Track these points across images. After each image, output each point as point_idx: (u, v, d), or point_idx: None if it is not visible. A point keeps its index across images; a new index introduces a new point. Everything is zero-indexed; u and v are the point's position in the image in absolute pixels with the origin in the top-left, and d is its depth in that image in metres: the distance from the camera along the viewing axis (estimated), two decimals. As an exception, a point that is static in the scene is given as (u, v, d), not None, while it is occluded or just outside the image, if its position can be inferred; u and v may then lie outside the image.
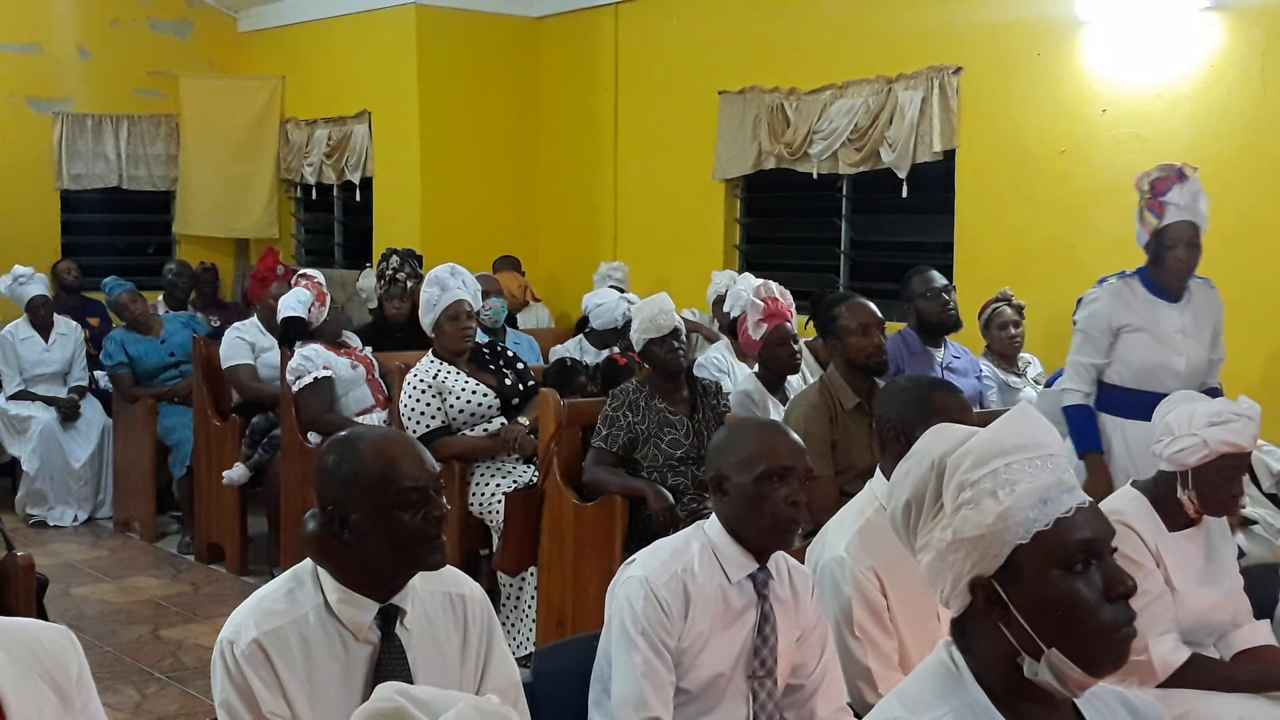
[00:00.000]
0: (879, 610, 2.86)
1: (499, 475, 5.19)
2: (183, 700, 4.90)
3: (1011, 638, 1.63)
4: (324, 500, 2.29)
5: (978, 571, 1.64)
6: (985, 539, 1.63)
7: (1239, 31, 5.58)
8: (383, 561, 2.27)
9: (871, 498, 3.01)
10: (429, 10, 8.60)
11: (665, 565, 2.64)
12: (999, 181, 6.45)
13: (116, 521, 7.60)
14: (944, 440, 1.71)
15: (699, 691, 2.64)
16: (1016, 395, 5.74)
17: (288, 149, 10.01)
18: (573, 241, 8.82)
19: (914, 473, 1.71)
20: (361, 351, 6.23)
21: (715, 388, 4.96)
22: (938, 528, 1.66)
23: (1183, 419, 3.20)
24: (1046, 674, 1.62)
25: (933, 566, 1.68)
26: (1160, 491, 3.27)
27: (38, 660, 1.92)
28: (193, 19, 10.26)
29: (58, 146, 9.73)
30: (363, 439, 2.32)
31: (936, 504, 1.68)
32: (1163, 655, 3.10)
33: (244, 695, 2.21)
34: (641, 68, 8.27)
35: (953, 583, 1.67)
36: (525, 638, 4.98)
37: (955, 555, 1.65)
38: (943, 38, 6.60)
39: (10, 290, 7.81)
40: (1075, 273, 5.77)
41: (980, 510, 1.63)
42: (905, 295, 5.51)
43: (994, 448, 1.66)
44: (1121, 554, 3.07)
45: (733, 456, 2.68)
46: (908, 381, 3.23)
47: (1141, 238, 4.61)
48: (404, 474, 2.26)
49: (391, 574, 2.30)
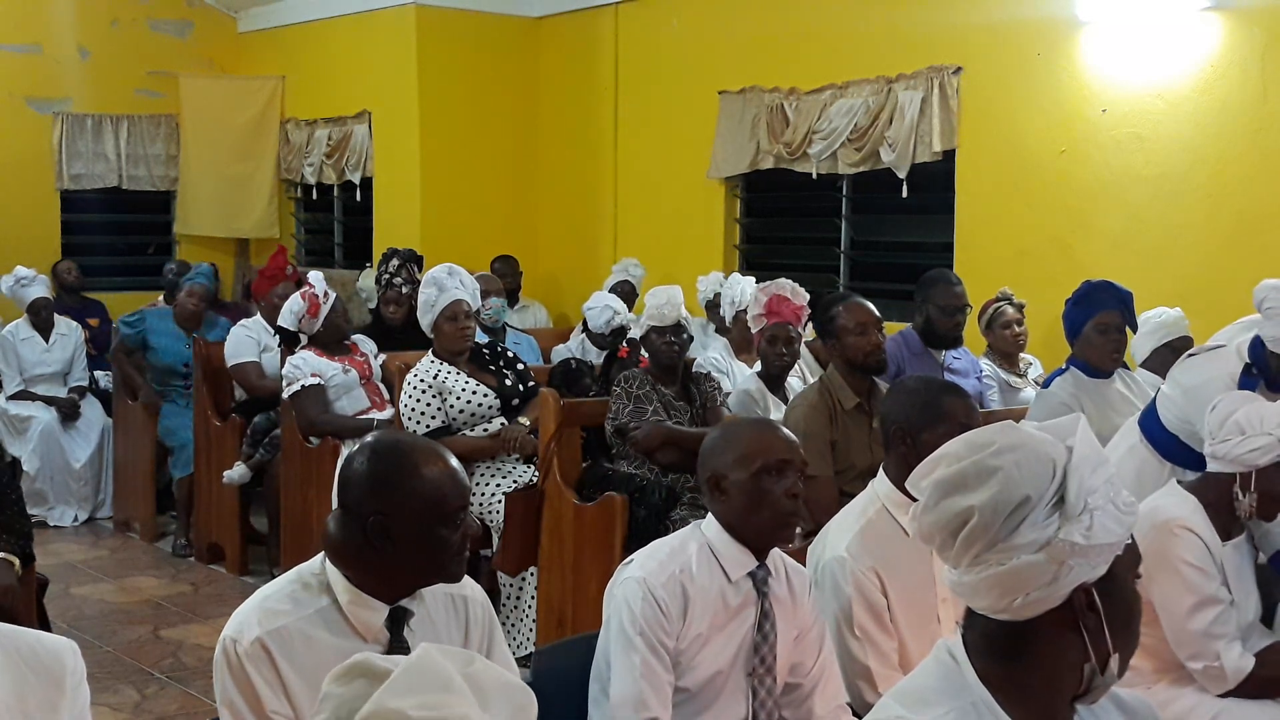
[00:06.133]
0: (879, 610, 2.87)
1: (499, 475, 5.19)
2: (183, 700, 4.90)
3: (1089, 644, 1.63)
4: (363, 508, 2.26)
5: (1087, 577, 1.62)
6: (1114, 546, 1.62)
7: (1239, 31, 5.58)
8: (414, 572, 2.30)
9: (873, 498, 3.02)
10: (429, 10, 8.61)
11: (663, 565, 2.64)
12: (999, 181, 6.45)
13: (116, 521, 7.61)
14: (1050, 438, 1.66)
15: (698, 690, 2.65)
16: (1018, 395, 5.74)
17: (288, 149, 10.01)
18: (573, 241, 8.82)
19: (1028, 469, 1.62)
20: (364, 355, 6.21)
21: (705, 375, 5.07)
22: (1051, 529, 1.60)
23: (1253, 419, 3.11)
24: (1112, 678, 1.64)
25: (1025, 570, 1.61)
26: (1212, 495, 3.19)
27: (36, 657, 1.94)
28: (193, 19, 10.26)
29: (58, 146, 9.73)
30: (415, 453, 2.31)
31: (1054, 506, 1.62)
32: (1234, 661, 3.10)
33: (247, 694, 2.21)
34: (641, 68, 8.27)
35: (1048, 588, 1.61)
36: (525, 638, 4.98)
37: (1078, 560, 1.60)
38: (943, 38, 6.60)
39: (12, 291, 7.81)
40: (1075, 273, 5.76)
41: (1110, 517, 1.61)
42: (921, 295, 5.50)
43: (1096, 455, 1.65)
44: (1187, 561, 3.09)
45: (729, 455, 2.69)
46: (916, 383, 3.21)
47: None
48: (455, 495, 2.29)
49: (416, 583, 2.33)
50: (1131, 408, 4.33)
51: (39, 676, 1.93)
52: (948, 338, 5.46)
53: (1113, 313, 4.53)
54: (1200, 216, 5.75)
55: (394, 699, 1.24)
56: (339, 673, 1.30)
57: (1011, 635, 1.66)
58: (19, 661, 1.92)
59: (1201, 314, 5.37)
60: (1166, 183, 5.84)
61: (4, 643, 1.93)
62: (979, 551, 1.63)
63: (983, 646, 1.69)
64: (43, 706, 1.92)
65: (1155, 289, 5.55)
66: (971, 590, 1.66)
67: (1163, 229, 5.86)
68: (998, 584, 1.63)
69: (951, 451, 1.70)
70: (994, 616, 1.66)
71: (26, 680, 1.92)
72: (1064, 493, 1.61)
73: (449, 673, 1.27)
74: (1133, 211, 5.97)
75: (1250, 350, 3.92)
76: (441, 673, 1.27)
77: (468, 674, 1.28)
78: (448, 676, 1.26)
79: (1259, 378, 3.88)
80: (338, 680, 1.29)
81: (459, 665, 1.29)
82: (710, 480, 2.71)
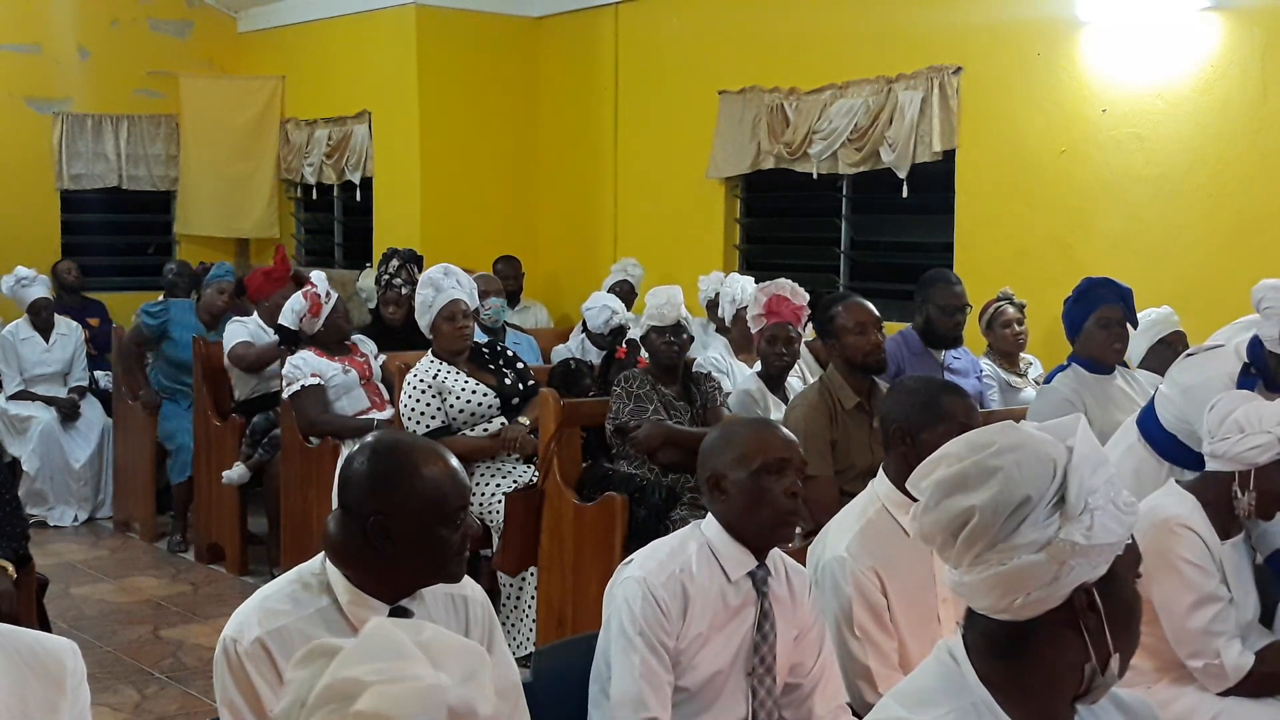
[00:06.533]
0: (879, 610, 2.87)
1: (499, 475, 5.19)
2: (183, 700, 4.90)
3: (1090, 644, 1.63)
4: (363, 508, 2.27)
5: (1087, 577, 1.62)
6: (1114, 545, 1.62)
7: (1239, 31, 5.58)
8: (414, 572, 2.30)
9: (873, 497, 3.02)
10: (429, 10, 8.60)
11: (663, 565, 2.64)
12: (999, 181, 6.45)
13: (116, 521, 7.61)
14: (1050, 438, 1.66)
15: (698, 689, 2.65)
16: (1018, 395, 5.74)
17: (288, 149, 10.01)
18: (573, 241, 8.82)
19: (1028, 469, 1.63)
20: (364, 355, 6.21)
21: (705, 375, 5.08)
22: (1051, 529, 1.61)
23: (1253, 417, 3.12)
24: (1113, 678, 1.64)
25: (1025, 570, 1.61)
26: (1211, 494, 3.19)
27: (35, 657, 1.94)
28: (193, 19, 10.26)
29: (58, 146, 9.72)
30: (415, 452, 2.32)
31: (1054, 505, 1.62)
32: (1233, 659, 3.11)
33: (247, 694, 2.21)
34: (641, 68, 8.27)
35: (1049, 587, 1.61)
36: (525, 638, 4.98)
37: (1079, 560, 1.60)
38: (943, 38, 6.60)
39: (12, 292, 7.81)
40: (1075, 273, 5.75)
41: (1111, 517, 1.61)
42: (921, 295, 5.51)
43: (1097, 455, 1.65)
44: (1186, 559, 3.09)
45: (728, 454, 2.69)
46: (917, 383, 3.21)
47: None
48: (455, 495, 2.29)
49: (416, 583, 2.33)
50: (1133, 404, 4.33)
51: (39, 677, 1.93)
52: (947, 337, 5.47)
53: (1114, 307, 4.54)
54: (1200, 216, 5.75)
55: (348, 669, 1.27)
56: (299, 658, 1.33)
57: (1012, 635, 1.66)
58: (19, 662, 1.93)
59: (1200, 314, 5.37)
60: (1166, 183, 5.84)
61: (4, 643, 1.93)
62: (980, 551, 1.63)
63: (983, 646, 1.69)
64: (43, 707, 1.92)
65: (1155, 289, 5.55)
66: (972, 590, 1.66)
67: (1162, 229, 5.86)
68: (998, 584, 1.63)
69: (952, 451, 1.70)
70: (994, 616, 1.66)
71: (27, 681, 1.92)
72: (1064, 493, 1.62)
73: (401, 639, 1.31)
74: (1133, 211, 5.96)
75: (1249, 350, 3.92)
76: (394, 640, 1.30)
77: (419, 640, 1.32)
78: (400, 642, 1.30)
79: (1257, 377, 3.88)
80: (299, 665, 1.33)
81: (411, 634, 1.33)
82: (710, 480, 2.71)
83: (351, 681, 1.26)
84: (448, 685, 1.28)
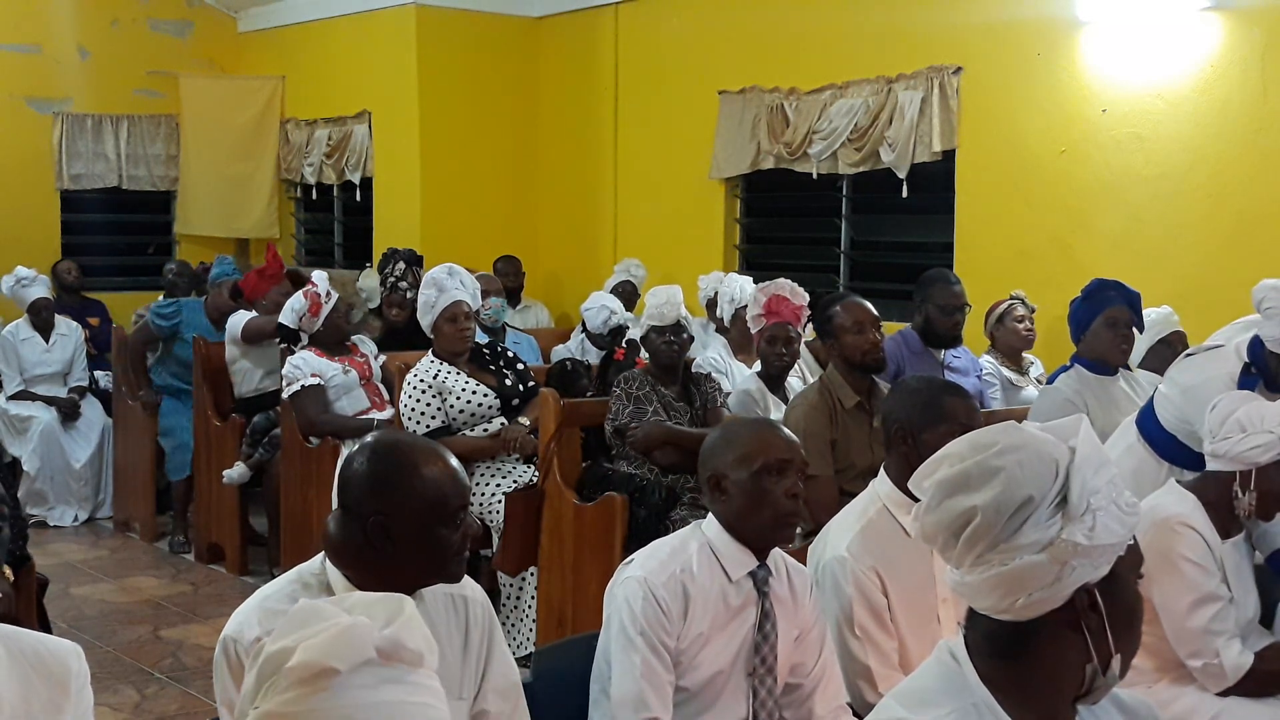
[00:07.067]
0: (880, 610, 2.87)
1: (499, 475, 5.19)
2: (183, 700, 4.90)
3: (1091, 644, 1.63)
4: (363, 508, 2.26)
5: (1089, 578, 1.62)
6: (1116, 546, 1.62)
7: (1239, 31, 5.58)
8: (415, 572, 2.30)
9: (874, 497, 3.02)
10: (429, 10, 8.61)
11: (663, 565, 2.64)
12: (999, 181, 6.45)
13: (116, 521, 7.61)
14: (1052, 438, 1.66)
15: (698, 689, 2.65)
16: (1019, 394, 5.74)
17: (288, 149, 10.01)
18: (573, 241, 8.82)
19: (1031, 469, 1.62)
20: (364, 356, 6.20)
21: (705, 375, 5.08)
22: (1053, 530, 1.61)
23: (1254, 417, 3.12)
24: (1114, 679, 1.64)
25: (1027, 570, 1.61)
26: (1211, 494, 3.20)
27: (40, 659, 1.94)
28: (193, 19, 10.26)
29: (58, 146, 9.73)
30: (415, 452, 2.31)
31: (1056, 506, 1.62)
32: (1233, 659, 3.11)
33: (246, 694, 2.21)
34: (641, 68, 8.27)
35: (1051, 588, 1.61)
36: (525, 638, 4.98)
37: (1080, 560, 1.60)
38: (943, 38, 6.60)
39: (13, 292, 7.81)
40: (1075, 273, 5.77)
41: (1113, 517, 1.61)
42: (920, 295, 5.51)
43: (1099, 456, 1.65)
44: (1187, 558, 3.09)
45: (729, 455, 2.69)
46: (918, 383, 3.21)
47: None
48: (455, 494, 2.29)
49: (416, 583, 2.32)
50: (1134, 406, 4.33)
51: (44, 679, 1.93)
52: (947, 337, 5.48)
53: (1122, 308, 4.54)
54: (1200, 216, 5.75)
55: (276, 643, 1.38)
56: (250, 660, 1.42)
57: (1013, 635, 1.66)
58: (24, 664, 1.93)
59: (1200, 314, 5.37)
60: (1166, 183, 5.84)
61: (9, 644, 1.93)
62: (981, 552, 1.63)
63: (984, 647, 1.69)
64: (47, 709, 1.92)
65: (1155, 289, 5.54)
66: (974, 590, 1.66)
67: (1162, 229, 5.86)
68: (1000, 584, 1.63)
69: (954, 452, 1.70)
70: (996, 617, 1.66)
71: (31, 682, 1.92)
72: (1066, 493, 1.61)
73: (321, 606, 1.41)
74: (1133, 211, 5.96)
75: (1249, 350, 3.92)
76: (314, 608, 1.41)
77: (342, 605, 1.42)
78: (319, 608, 1.41)
79: (1258, 377, 3.88)
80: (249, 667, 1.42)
81: (334, 603, 1.43)
82: (710, 480, 2.71)
83: (280, 651, 1.36)
84: (368, 624, 1.37)
